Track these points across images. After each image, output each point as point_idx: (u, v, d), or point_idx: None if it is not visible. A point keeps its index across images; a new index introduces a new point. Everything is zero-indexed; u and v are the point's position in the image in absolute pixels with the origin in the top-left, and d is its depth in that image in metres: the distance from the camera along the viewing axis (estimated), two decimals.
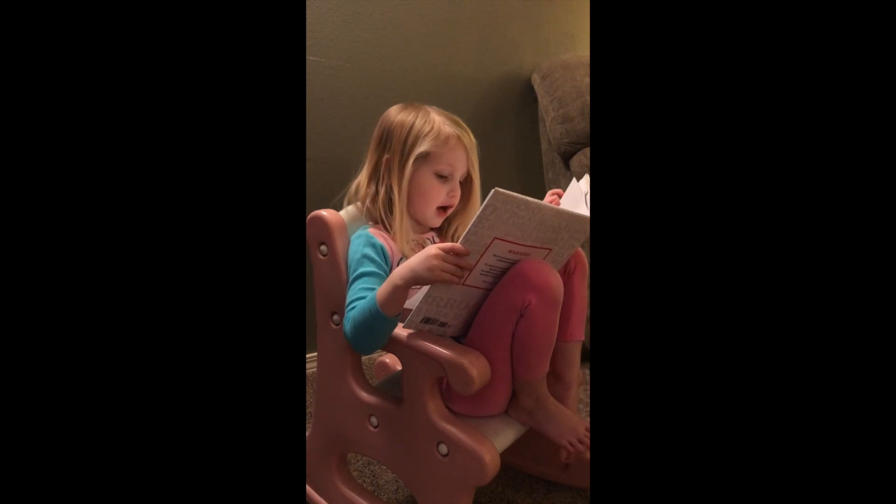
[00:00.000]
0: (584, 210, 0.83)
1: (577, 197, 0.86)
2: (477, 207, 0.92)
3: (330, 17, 1.38)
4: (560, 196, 0.92)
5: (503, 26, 1.67)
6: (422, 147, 0.83)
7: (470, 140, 0.87)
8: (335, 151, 1.43)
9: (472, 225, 0.67)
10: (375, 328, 0.74)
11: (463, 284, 0.73)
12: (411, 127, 0.85)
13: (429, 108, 0.88)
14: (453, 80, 1.61)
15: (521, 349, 0.76)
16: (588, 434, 0.78)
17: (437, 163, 0.85)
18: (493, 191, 0.65)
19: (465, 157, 0.87)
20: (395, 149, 0.85)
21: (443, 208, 0.89)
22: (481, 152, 0.90)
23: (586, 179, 0.87)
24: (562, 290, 0.74)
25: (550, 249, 0.77)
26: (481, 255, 0.70)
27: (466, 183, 0.91)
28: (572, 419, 0.79)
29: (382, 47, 1.47)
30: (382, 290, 0.73)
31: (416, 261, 0.70)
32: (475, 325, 0.77)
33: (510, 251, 0.72)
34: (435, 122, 0.85)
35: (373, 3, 1.44)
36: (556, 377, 0.89)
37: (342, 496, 0.90)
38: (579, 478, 1.01)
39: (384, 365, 1.14)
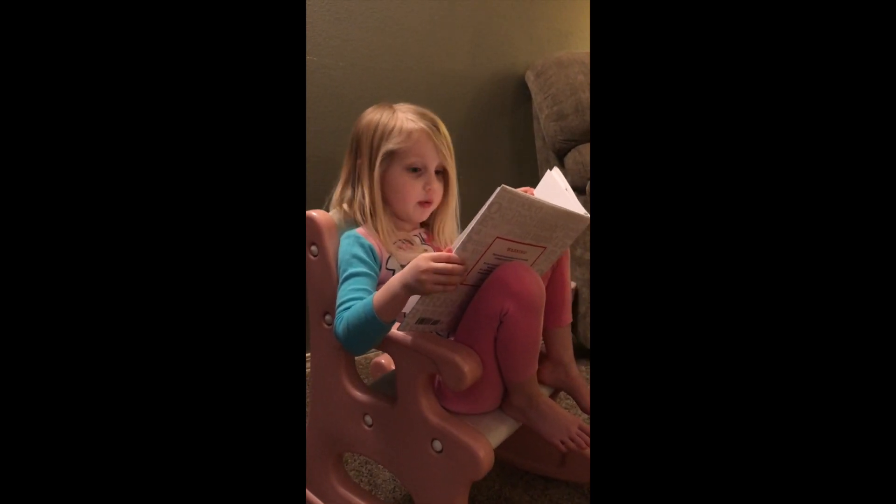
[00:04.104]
0: (570, 205, 0.81)
1: (555, 191, 0.84)
2: (455, 200, 0.91)
3: (322, 14, 1.38)
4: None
5: (497, 24, 1.67)
6: (388, 145, 0.83)
7: (438, 132, 0.85)
8: (327, 150, 1.43)
9: (477, 223, 0.65)
10: (370, 332, 0.74)
11: (461, 283, 0.72)
12: (376, 127, 0.84)
13: (398, 106, 0.87)
14: (447, 78, 1.61)
15: (505, 353, 0.76)
16: (580, 432, 0.78)
17: (406, 157, 0.84)
18: (499, 188, 0.63)
19: (433, 149, 0.85)
20: (363, 152, 0.85)
21: (424, 202, 0.87)
22: (476, 150, 0.89)
23: (558, 172, 0.86)
24: (542, 295, 0.73)
25: (545, 248, 0.77)
26: (482, 255, 0.70)
27: (444, 176, 0.89)
28: (565, 418, 0.79)
29: (376, 45, 1.47)
30: (381, 297, 0.71)
31: (408, 273, 0.68)
32: (461, 327, 0.77)
33: (508, 249, 0.72)
34: (398, 119, 0.84)
35: (366, 1, 1.44)
36: (556, 362, 0.90)
37: (339, 496, 0.90)
38: (576, 473, 1.01)
39: (380, 365, 1.14)
